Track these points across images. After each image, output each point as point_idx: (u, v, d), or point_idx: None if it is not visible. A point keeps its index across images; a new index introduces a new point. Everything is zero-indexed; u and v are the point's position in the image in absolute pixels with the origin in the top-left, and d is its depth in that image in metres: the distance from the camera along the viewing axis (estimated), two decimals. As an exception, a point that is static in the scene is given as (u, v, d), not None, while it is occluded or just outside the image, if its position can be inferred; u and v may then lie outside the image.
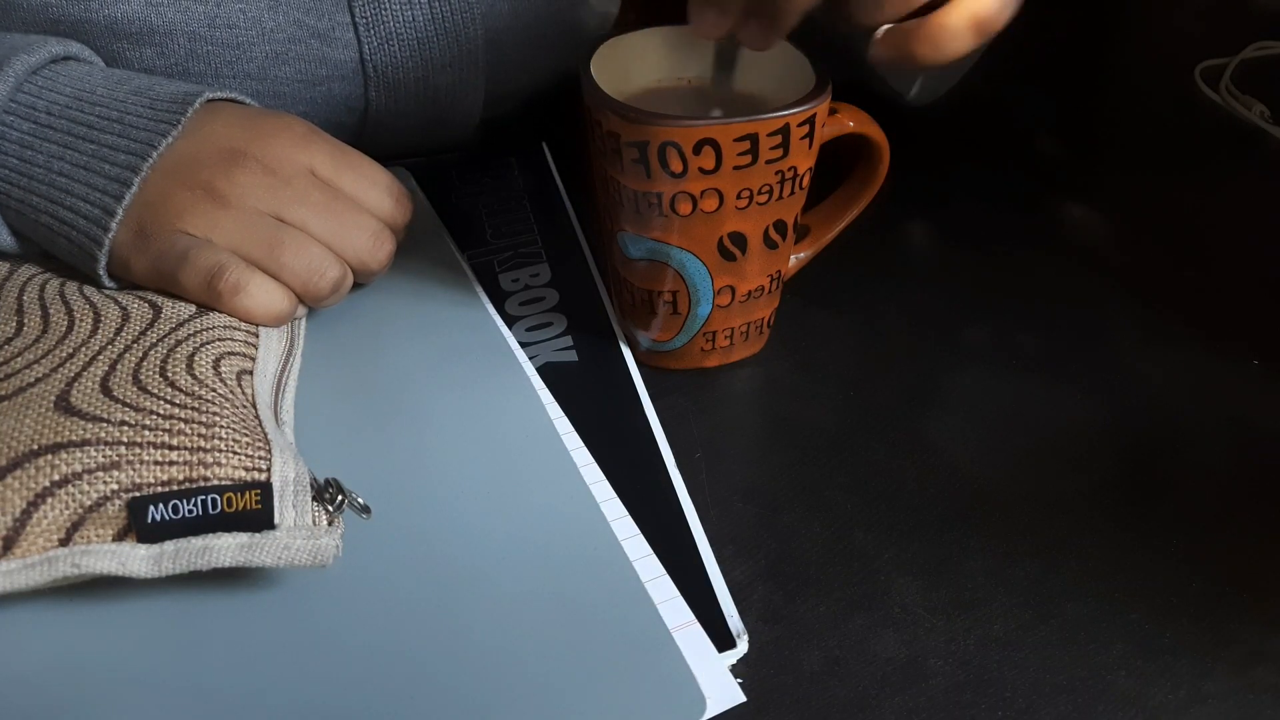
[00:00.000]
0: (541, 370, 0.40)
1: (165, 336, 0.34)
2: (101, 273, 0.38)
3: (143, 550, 0.28)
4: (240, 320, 0.37)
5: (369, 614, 0.30)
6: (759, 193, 0.35)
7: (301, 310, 0.40)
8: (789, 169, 0.35)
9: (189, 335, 0.35)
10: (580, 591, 0.31)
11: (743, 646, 0.30)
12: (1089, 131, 0.61)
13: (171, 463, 0.29)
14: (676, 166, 0.34)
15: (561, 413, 0.38)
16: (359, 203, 0.40)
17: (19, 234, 0.40)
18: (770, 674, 0.30)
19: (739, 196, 0.35)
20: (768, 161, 0.34)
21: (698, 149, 0.33)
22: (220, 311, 0.37)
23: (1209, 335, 0.43)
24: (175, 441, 0.30)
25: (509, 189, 0.53)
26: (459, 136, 0.54)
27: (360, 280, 0.41)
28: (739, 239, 0.36)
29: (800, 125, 0.34)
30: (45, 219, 0.38)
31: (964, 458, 0.38)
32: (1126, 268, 0.48)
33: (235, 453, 0.30)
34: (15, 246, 0.40)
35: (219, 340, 0.35)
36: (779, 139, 0.34)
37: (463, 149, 0.55)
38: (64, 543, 0.28)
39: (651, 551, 0.32)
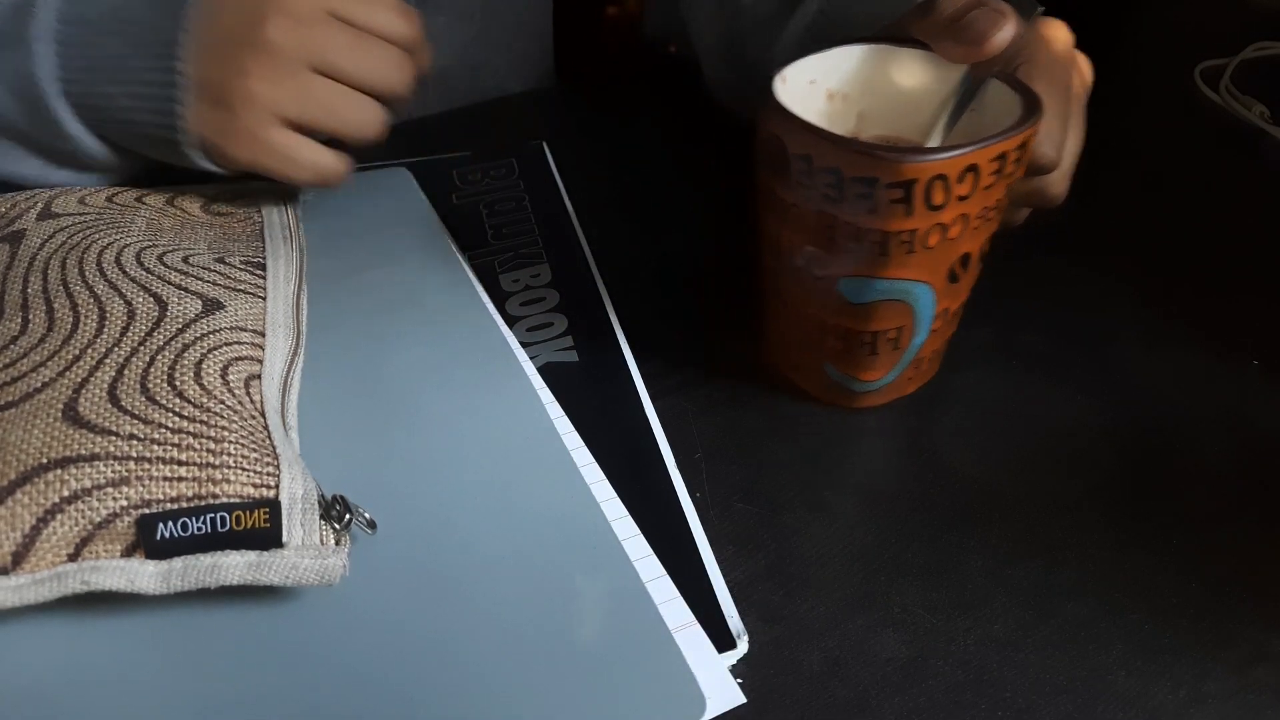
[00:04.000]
0: (542, 370, 0.40)
1: (172, 339, 0.34)
2: (188, 149, 0.42)
3: (151, 567, 0.28)
4: (246, 319, 0.37)
5: (370, 616, 0.30)
6: (992, 209, 0.34)
7: (304, 302, 0.41)
8: (1015, 181, 0.34)
9: (196, 338, 0.35)
10: (581, 592, 0.31)
11: (743, 647, 0.30)
12: (1089, 131, 0.61)
13: (180, 479, 0.29)
14: (939, 199, 0.32)
15: (562, 412, 0.38)
16: (378, 32, 0.43)
17: (104, 138, 0.44)
18: (770, 674, 0.30)
19: (977, 217, 0.34)
20: (1006, 177, 0.33)
21: (961, 177, 0.32)
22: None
23: (1209, 335, 0.43)
24: (184, 457, 0.30)
25: (509, 189, 0.53)
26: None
27: (392, 108, 0.44)
28: (966, 259, 0.35)
29: (1033, 136, 0.34)
30: (122, 103, 0.42)
31: (964, 458, 0.37)
32: (1126, 268, 0.48)
33: (244, 469, 0.30)
34: (103, 152, 0.44)
35: (226, 345, 0.35)
36: (1018, 154, 0.33)
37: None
38: (73, 558, 0.28)
39: (651, 552, 0.32)
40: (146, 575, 0.28)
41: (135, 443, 0.30)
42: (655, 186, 0.54)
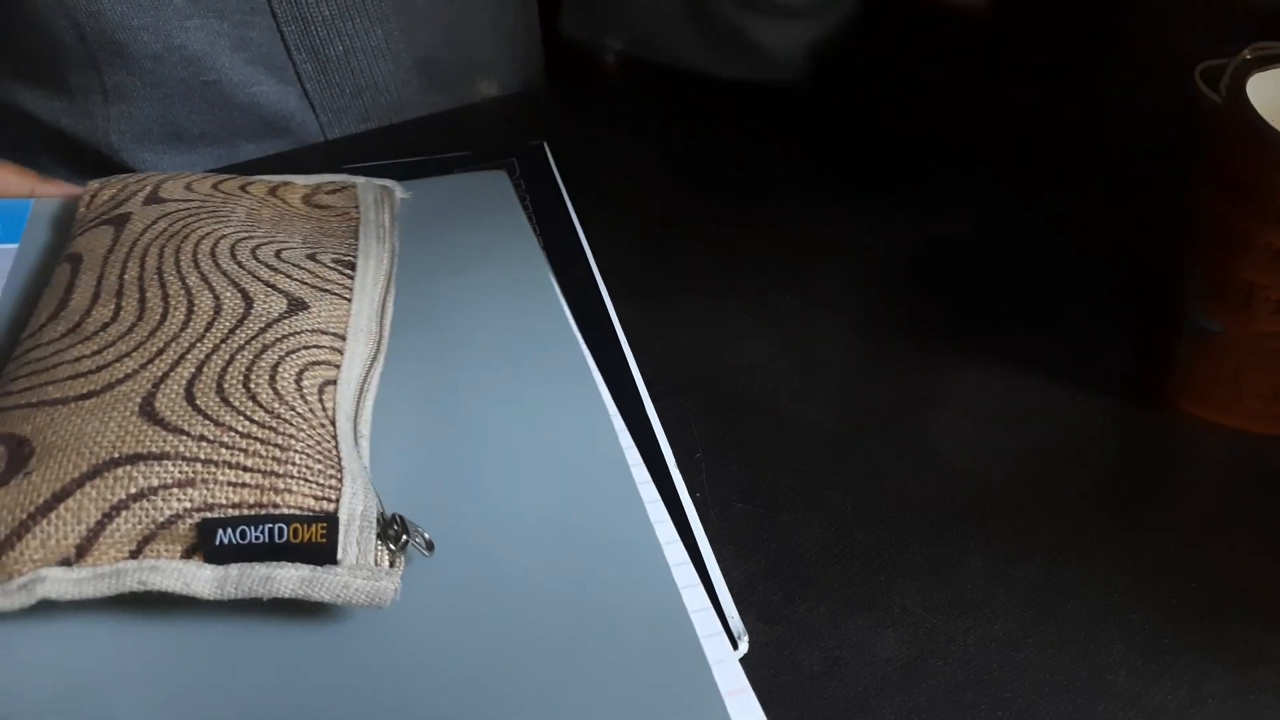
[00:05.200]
0: (542, 370, 0.40)
1: (253, 338, 0.34)
2: None
3: (208, 572, 0.28)
4: (329, 322, 0.36)
5: (413, 631, 0.30)
6: None
7: (390, 306, 0.40)
8: None
9: (276, 340, 0.34)
10: (633, 633, 0.30)
11: (743, 647, 0.30)
12: (1089, 131, 0.61)
13: (244, 485, 0.29)
14: None
15: (632, 442, 0.37)
16: None
17: None
18: (770, 674, 0.30)
19: None
20: None
21: None
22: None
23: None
24: (250, 463, 0.30)
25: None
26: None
27: None
28: None
29: None
30: None
31: (964, 458, 0.37)
32: (1126, 267, 0.48)
33: (307, 480, 0.30)
34: None
35: (305, 348, 0.35)
36: None
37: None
38: (134, 555, 0.28)
39: (708, 604, 0.31)
40: (202, 580, 0.28)
41: (204, 444, 0.30)
42: (656, 186, 0.54)
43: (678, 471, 0.36)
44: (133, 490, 0.29)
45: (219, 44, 0.54)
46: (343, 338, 0.36)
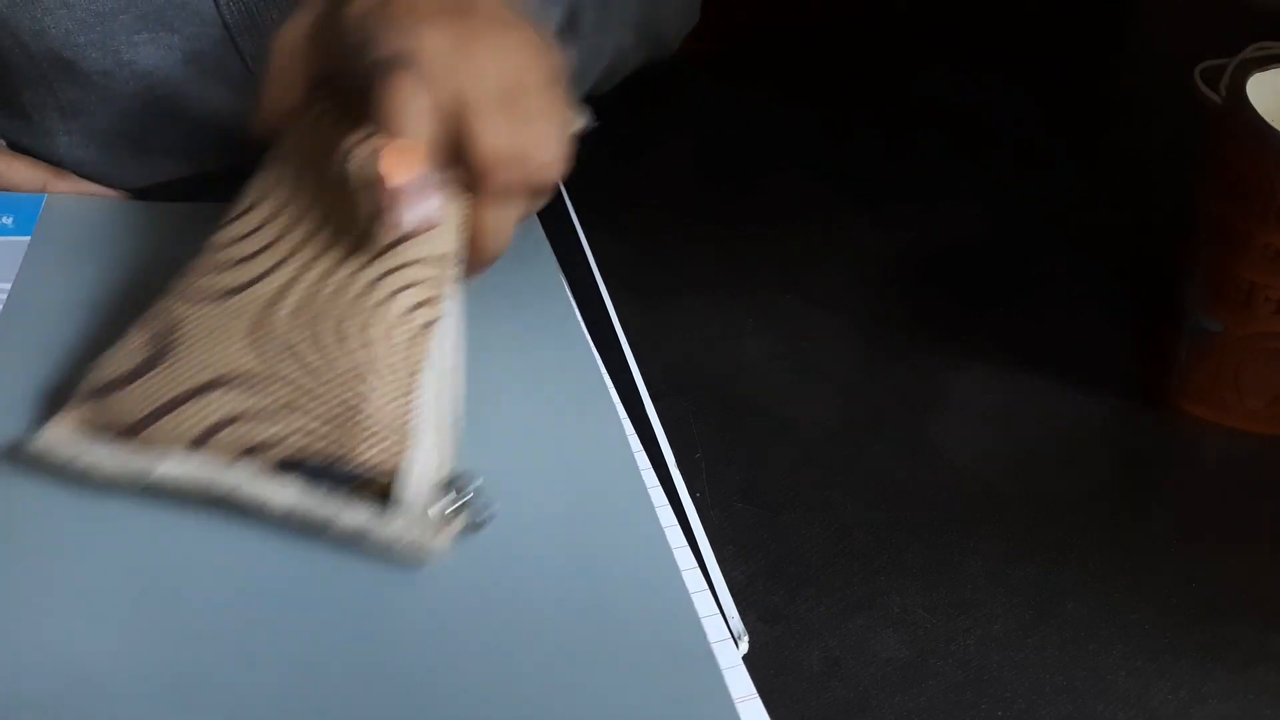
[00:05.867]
0: (542, 370, 0.40)
1: (365, 267, 0.34)
2: None
3: (283, 495, 0.30)
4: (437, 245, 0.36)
5: (423, 631, 0.30)
6: None
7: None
8: None
9: (386, 272, 0.34)
10: (640, 636, 0.30)
11: (743, 647, 0.30)
12: (1089, 132, 0.61)
13: (325, 424, 0.31)
14: None
15: (640, 446, 0.37)
16: None
17: None
18: (770, 674, 0.30)
19: None
20: None
21: None
22: None
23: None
24: (329, 405, 0.32)
25: (509, 189, 0.53)
26: None
27: None
28: None
29: None
30: None
31: (964, 458, 0.38)
32: (1126, 267, 0.48)
33: (375, 433, 0.31)
34: None
35: (414, 284, 0.34)
36: None
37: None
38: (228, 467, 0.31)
39: (718, 611, 0.31)
40: (279, 499, 0.30)
41: (292, 384, 0.32)
42: (656, 185, 0.54)
43: (678, 471, 0.36)
44: (224, 415, 0.31)
45: (171, 58, 0.52)
46: (443, 261, 0.35)
